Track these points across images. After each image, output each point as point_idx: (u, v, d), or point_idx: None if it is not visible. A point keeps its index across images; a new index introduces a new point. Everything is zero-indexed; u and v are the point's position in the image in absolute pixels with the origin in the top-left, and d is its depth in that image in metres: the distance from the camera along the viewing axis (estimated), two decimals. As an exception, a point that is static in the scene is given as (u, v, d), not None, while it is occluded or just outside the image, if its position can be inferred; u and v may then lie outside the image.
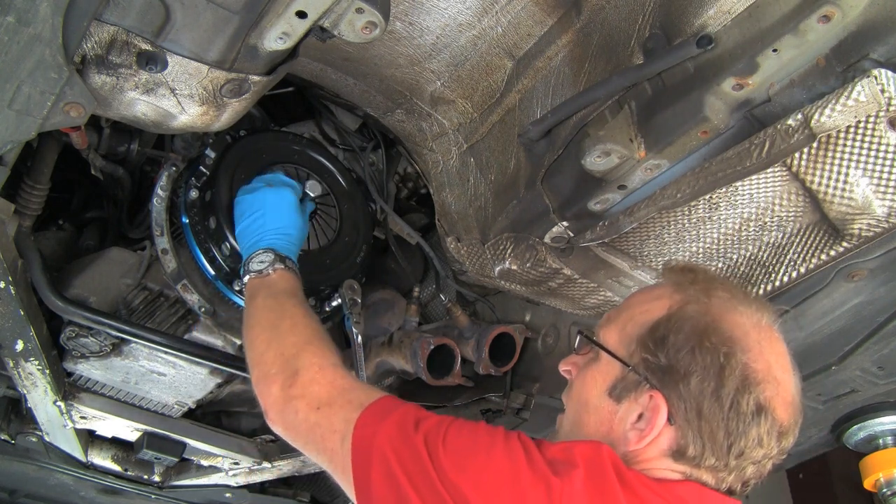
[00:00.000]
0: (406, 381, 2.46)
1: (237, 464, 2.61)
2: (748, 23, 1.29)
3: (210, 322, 1.99)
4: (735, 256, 1.70)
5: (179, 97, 1.44)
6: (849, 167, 1.39)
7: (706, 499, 1.20)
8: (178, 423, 2.42)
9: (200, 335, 2.01)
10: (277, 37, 1.34)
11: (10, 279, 1.65)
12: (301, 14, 1.30)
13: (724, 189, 1.53)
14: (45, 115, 1.31)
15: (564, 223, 1.66)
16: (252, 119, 2.13)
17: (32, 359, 1.91)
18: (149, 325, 1.96)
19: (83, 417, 2.32)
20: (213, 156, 1.93)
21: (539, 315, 2.34)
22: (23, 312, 1.73)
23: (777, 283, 1.64)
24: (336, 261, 2.07)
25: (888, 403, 2.03)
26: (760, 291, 1.65)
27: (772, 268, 1.64)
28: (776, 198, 1.53)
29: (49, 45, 1.21)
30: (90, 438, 2.65)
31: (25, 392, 2.09)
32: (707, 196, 1.54)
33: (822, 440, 2.21)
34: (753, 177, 1.46)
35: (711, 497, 1.21)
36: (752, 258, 1.68)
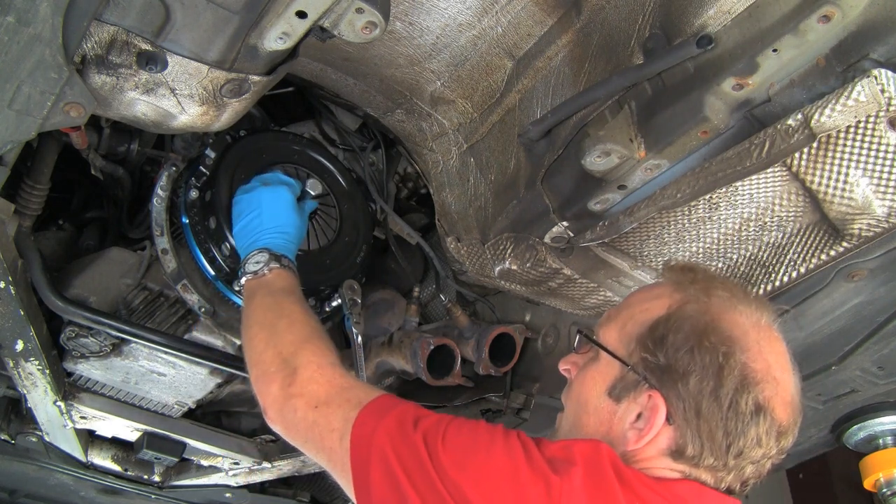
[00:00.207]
0: (406, 381, 2.46)
1: (237, 464, 2.61)
2: (748, 23, 1.29)
3: (210, 322, 1.99)
4: (735, 256, 1.70)
5: (179, 97, 1.44)
6: (849, 167, 1.39)
7: (705, 498, 1.20)
8: (178, 423, 2.42)
9: (200, 335, 2.01)
10: (277, 37, 1.34)
11: (10, 279, 1.65)
12: (301, 14, 1.30)
13: (724, 189, 1.53)
14: (45, 115, 1.30)
15: (564, 223, 1.66)
16: (252, 119, 2.13)
17: (32, 359, 1.91)
18: (149, 325, 1.96)
19: (83, 417, 2.32)
20: (213, 156, 1.93)
21: (539, 315, 2.34)
22: (23, 312, 1.73)
23: (777, 283, 1.64)
24: (336, 261, 2.07)
25: (888, 403, 2.03)
26: (760, 291, 1.65)
27: (772, 268, 1.64)
28: (776, 198, 1.53)
29: (49, 45, 1.21)
30: (90, 438, 2.65)
31: (25, 392, 2.09)
32: (707, 196, 1.54)
33: (822, 440, 2.21)
34: (753, 177, 1.46)
35: (710, 496, 1.21)
36: (752, 258, 1.68)
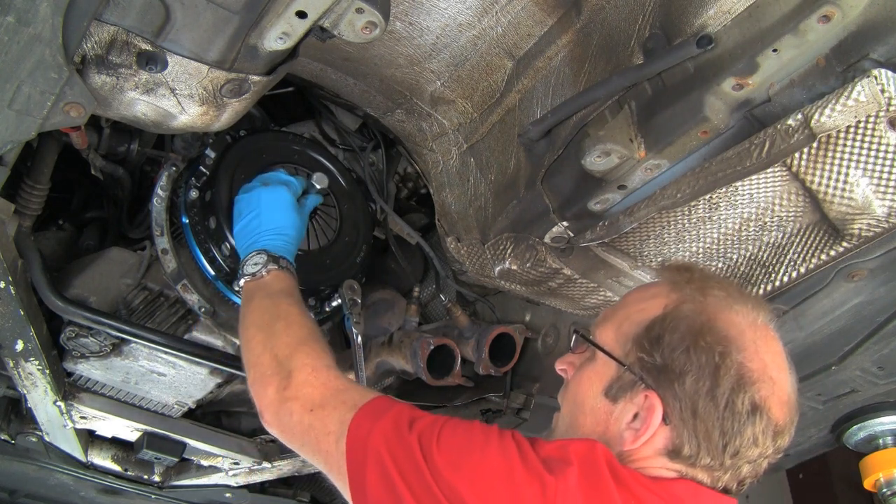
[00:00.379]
0: (406, 381, 2.46)
1: (237, 464, 2.61)
2: (748, 23, 1.29)
3: (210, 322, 1.98)
4: (735, 256, 1.70)
5: (179, 97, 1.44)
6: (849, 167, 1.39)
7: (702, 497, 1.20)
8: (178, 423, 2.42)
9: (200, 335, 2.01)
10: (277, 37, 1.34)
11: (10, 279, 1.65)
12: (301, 14, 1.30)
13: (724, 189, 1.53)
14: (45, 115, 1.30)
15: (564, 223, 1.66)
16: (252, 119, 2.13)
17: (32, 359, 1.91)
18: (149, 325, 1.96)
19: (83, 417, 2.32)
20: (213, 156, 1.93)
21: (539, 315, 2.34)
22: (23, 312, 1.73)
23: (777, 283, 1.64)
24: (336, 261, 2.07)
25: (888, 403, 2.04)
26: (760, 291, 1.65)
27: (772, 268, 1.64)
28: (776, 198, 1.53)
29: (49, 45, 1.21)
30: (90, 438, 2.65)
31: (25, 392, 2.09)
32: (707, 196, 1.54)
33: (822, 440, 2.22)
34: (753, 177, 1.46)
35: (707, 495, 1.21)
36: (752, 258, 1.68)
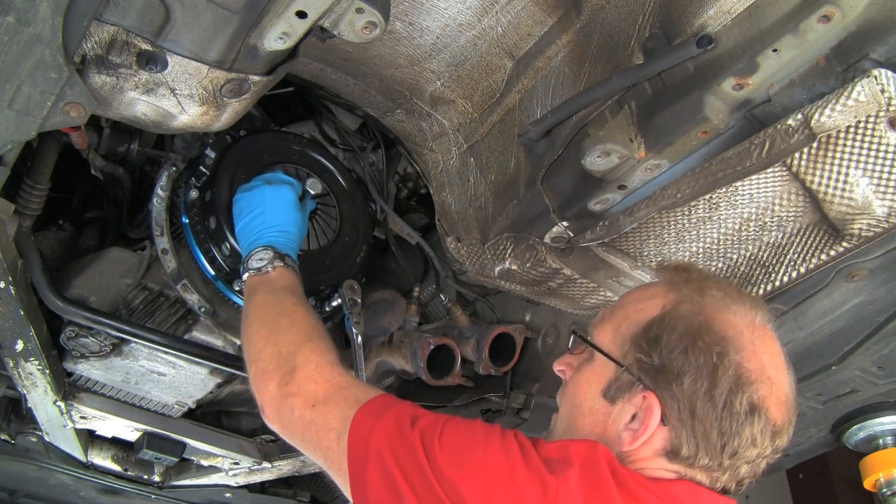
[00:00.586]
0: (406, 381, 2.46)
1: (237, 464, 2.61)
2: (748, 23, 1.29)
3: (210, 322, 1.98)
4: (735, 256, 1.70)
5: (179, 97, 1.44)
6: (849, 167, 1.39)
7: (700, 498, 1.21)
8: (178, 423, 2.42)
9: (200, 335, 2.01)
10: (277, 37, 1.34)
11: (10, 279, 1.65)
12: (301, 14, 1.30)
13: (724, 189, 1.53)
14: (45, 115, 1.30)
15: (564, 223, 1.66)
16: (252, 119, 2.13)
17: (32, 359, 1.91)
18: (149, 325, 1.96)
19: (83, 417, 2.32)
20: (213, 156, 1.93)
21: (539, 315, 2.34)
22: (23, 312, 1.73)
23: (777, 283, 1.64)
24: (336, 261, 2.07)
25: (888, 403, 2.03)
26: (760, 291, 1.65)
27: (772, 268, 1.64)
28: (776, 198, 1.53)
29: (49, 45, 1.21)
30: (90, 438, 2.65)
31: (25, 392, 2.09)
32: (707, 196, 1.54)
33: (822, 440, 2.22)
34: (753, 177, 1.46)
35: (706, 496, 1.21)
36: (752, 258, 1.68)
